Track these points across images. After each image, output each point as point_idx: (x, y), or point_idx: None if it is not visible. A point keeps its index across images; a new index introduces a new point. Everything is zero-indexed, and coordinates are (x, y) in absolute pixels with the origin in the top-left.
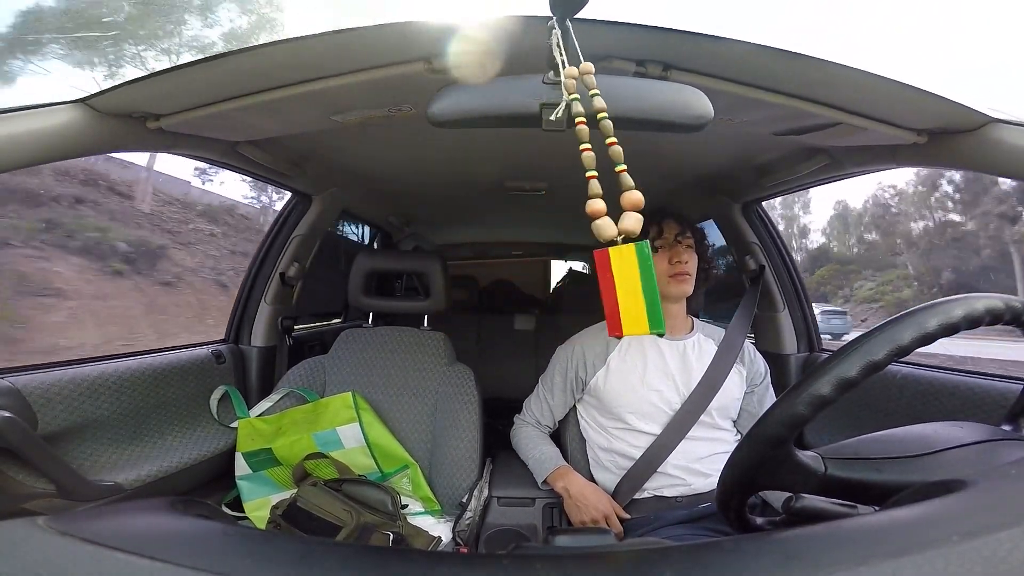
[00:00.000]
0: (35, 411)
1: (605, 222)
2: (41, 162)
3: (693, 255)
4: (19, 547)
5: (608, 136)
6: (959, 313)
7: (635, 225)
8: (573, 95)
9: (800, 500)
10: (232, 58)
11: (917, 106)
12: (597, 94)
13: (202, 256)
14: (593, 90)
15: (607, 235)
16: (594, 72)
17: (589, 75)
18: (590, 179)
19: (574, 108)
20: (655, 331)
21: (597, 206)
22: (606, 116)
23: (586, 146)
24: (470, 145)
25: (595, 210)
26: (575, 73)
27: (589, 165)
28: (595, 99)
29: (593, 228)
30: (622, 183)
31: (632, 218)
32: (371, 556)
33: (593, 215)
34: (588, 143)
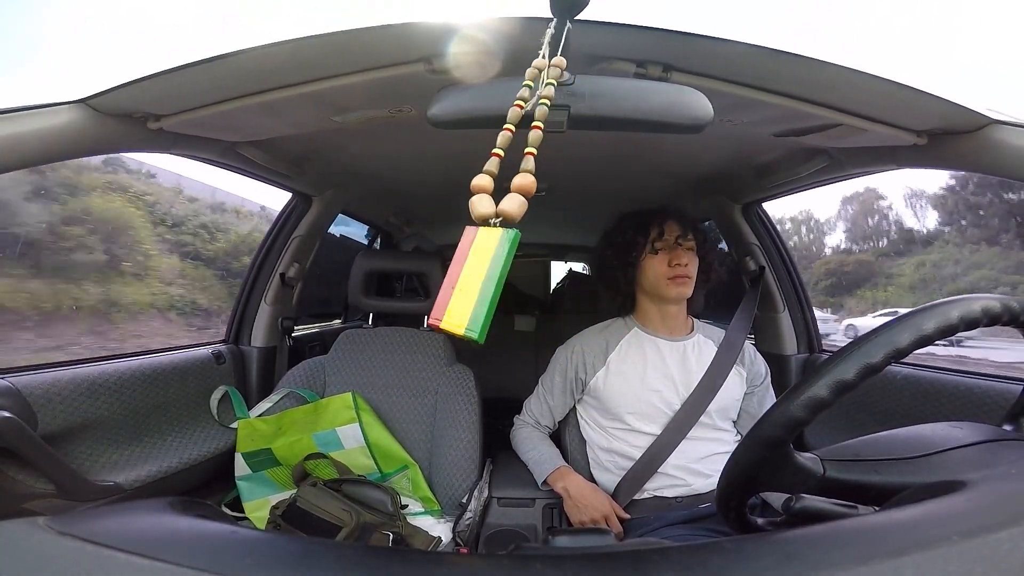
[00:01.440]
0: (35, 411)
1: (483, 199)
2: (41, 162)
3: (694, 257)
4: (19, 547)
5: (537, 120)
6: (956, 315)
7: (515, 208)
8: (527, 82)
9: (800, 501)
10: (232, 58)
11: (917, 107)
12: (552, 83)
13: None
14: (548, 80)
15: (480, 212)
16: (564, 66)
17: (557, 67)
18: (493, 155)
19: (520, 92)
20: (468, 335)
21: (481, 181)
22: (547, 103)
23: (508, 127)
24: (470, 145)
25: (476, 185)
26: (543, 65)
27: (500, 144)
28: (547, 87)
29: (469, 204)
30: (523, 164)
31: (514, 200)
32: (371, 556)
33: (474, 190)
34: (512, 126)
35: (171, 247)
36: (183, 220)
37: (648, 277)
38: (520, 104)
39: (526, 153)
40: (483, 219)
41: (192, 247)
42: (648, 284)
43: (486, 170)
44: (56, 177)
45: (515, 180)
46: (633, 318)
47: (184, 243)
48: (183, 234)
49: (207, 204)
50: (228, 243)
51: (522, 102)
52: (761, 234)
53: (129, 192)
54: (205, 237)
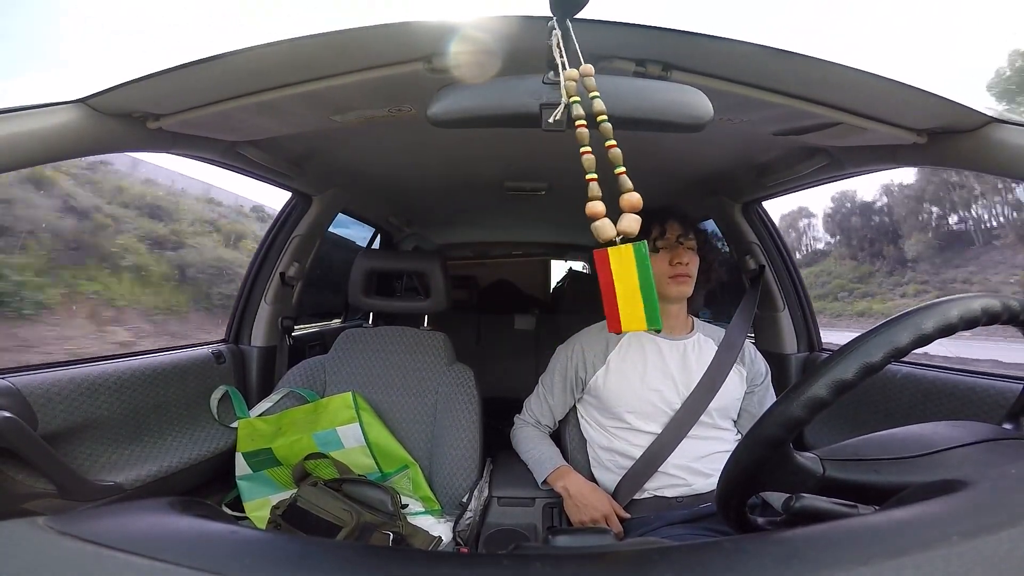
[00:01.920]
0: (35, 411)
1: (604, 223)
2: (41, 162)
3: (695, 257)
4: (19, 547)
5: (608, 139)
6: (956, 314)
7: (633, 226)
8: (574, 97)
9: (800, 500)
10: (232, 58)
11: (917, 106)
12: (597, 96)
13: None
14: (593, 92)
15: (606, 236)
16: (594, 74)
17: (589, 77)
18: (590, 181)
19: (574, 111)
20: (652, 327)
21: (597, 208)
22: (606, 119)
23: (586, 149)
24: (470, 145)
25: (595, 212)
26: (575, 75)
27: (589, 168)
28: (595, 101)
29: (592, 229)
30: (621, 185)
31: (630, 219)
32: (371, 556)
33: (593, 216)
34: (588, 146)
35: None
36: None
37: None
38: (583, 124)
39: (618, 173)
40: (609, 240)
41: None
42: None
43: (593, 196)
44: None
45: (624, 200)
46: None
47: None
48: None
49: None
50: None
51: (583, 122)
52: (761, 233)
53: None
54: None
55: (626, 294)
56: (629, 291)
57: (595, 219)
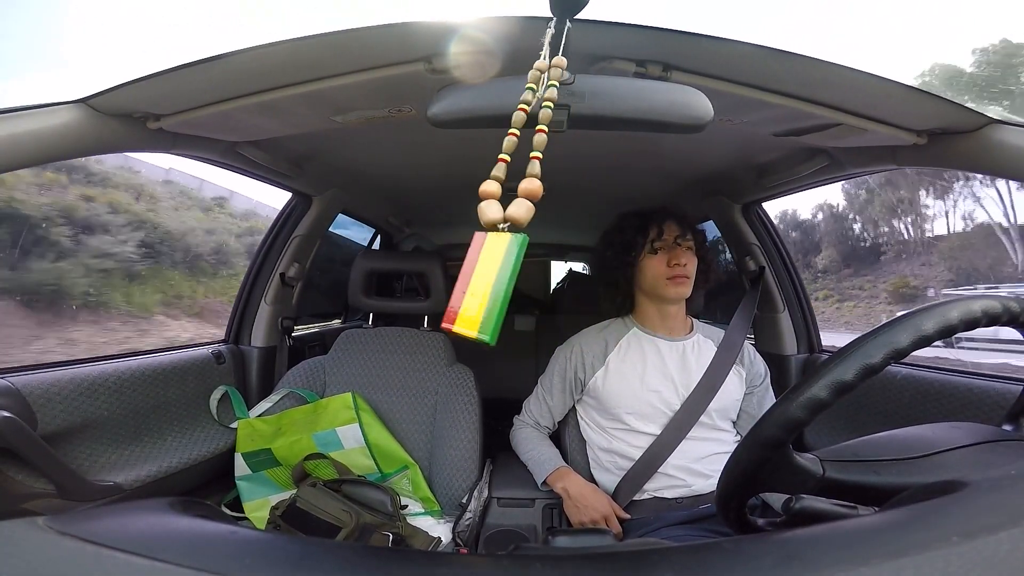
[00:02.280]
0: (35, 411)
1: (492, 204)
2: (41, 162)
3: (693, 257)
4: (19, 547)
5: (541, 124)
6: (956, 315)
7: (522, 213)
8: (529, 85)
9: (800, 501)
10: (232, 58)
11: (917, 107)
12: (555, 85)
13: None
14: (552, 81)
15: (488, 218)
16: (564, 67)
17: (558, 68)
18: (500, 161)
19: (523, 96)
20: (481, 337)
21: (489, 187)
22: (550, 105)
23: (513, 131)
24: (470, 145)
25: (485, 190)
26: (544, 66)
27: (506, 149)
28: (549, 88)
29: (479, 210)
30: (528, 169)
31: (521, 205)
32: (370, 557)
33: (483, 196)
34: (516, 130)
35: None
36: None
37: (647, 277)
38: (524, 108)
39: (531, 157)
40: (492, 225)
41: None
42: (647, 284)
43: (493, 176)
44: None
45: (521, 185)
46: (632, 318)
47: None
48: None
49: None
50: None
51: (525, 105)
52: (761, 234)
53: None
54: None
55: (477, 288)
56: (481, 286)
57: (483, 198)
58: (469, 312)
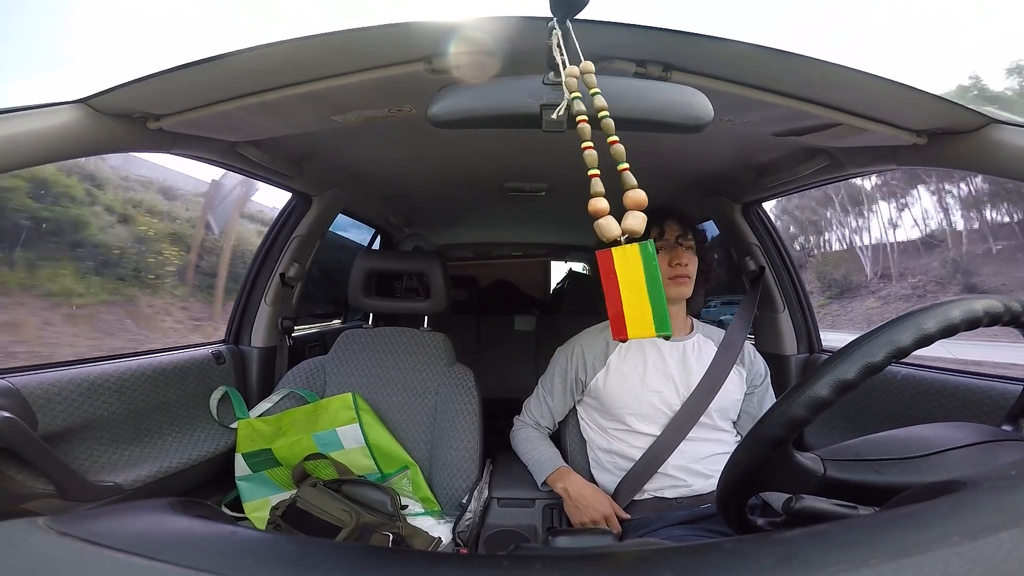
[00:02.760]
0: (35, 411)
1: (608, 221)
2: (41, 162)
3: (694, 257)
4: (19, 547)
5: (610, 134)
6: (957, 314)
7: (639, 224)
8: (575, 93)
9: (800, 501)
10: (232, 58)
11: (917, 107)
12: (598, 93)
13: None
14: (594, 89)
15: (610, 235)
16: (594, 72)
17: (590, 74)
18: (592, 177)
19: (575, 107)
20: (661, 333)
21: (600, 205)
22: (607, 115)
23: (588, 144)
24: (470, 145)
25: (597, 209)
26: (576, 72)
27: (591, 163)
28: (596, 98)
29: (596, 227)
30: (625, 182)
31: (636, 217)
32: (371, 557)
33: (595, 214)
34: (590, 141)
35: None
36: None
37: None
38: (585, 120)
39: (621, 170)
40: (613, 239)
41: None
42: None
43: (595, 192)
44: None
45: (628, 197)
46: None
47: None
48: None
49: None
50: None
51: (585, 117)
52: (761, 234)
53: None
54: None
55: (632, 298)
56: (635, 294)
57: (598, 217)
58: (637, 319)
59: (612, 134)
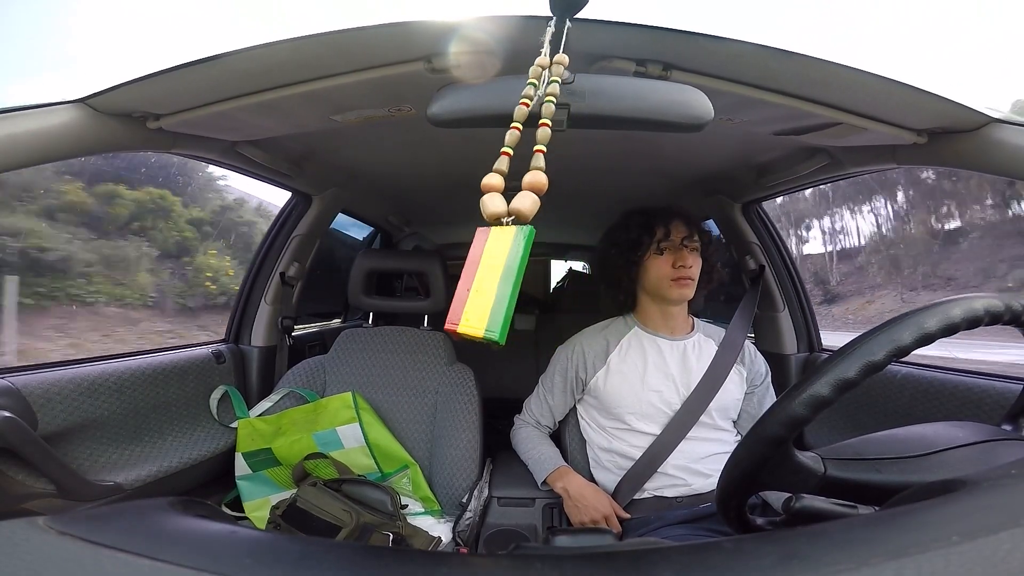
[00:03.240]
0: (35, 411)
1: (494, 197)
2: (41, 162)
3: (698, 259)
4: (19, 547)
5: (545, 118)
6: (958, 313)
7: (528, 206)
8: (531, 80)
9: (800, 500)
10: (232, 58)
11: (917, 106)
12: (556, 81)
13: None
14: (553, 78)
15: (491, 211)
16: (566, 64)
17: (559, 65)
18: (503, 154)
19: (525, 91)
20: (489, 336)
21: (491, 180)
22: (552, 100)
23: (515, 125)
24: (470, 145)
25: (487, 184)
26: (545, 63)
27: (508, 142)
28: (551, 84)
29: (481, 204)
30: (532, 162)
31: (527, 198)
32: (371, 556)
33: (484, 189)
34: (519, 124)
35: None
36: None
37: (651, 278)
38: (526, 102)
39: (535, 151)
40: (495, 218)
41: None
42: (651, 284)
43: (496, 169)
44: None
45: (526, 177)
46: (634, 317)
47: None
48: None
49: None
50: None
51: (527, 100)
52: (761, 233)
53: None
54: None
55: (482, 285)
56: (487, 282)
57: (485, 192)
58: (475, 311)
59: (547, 118)
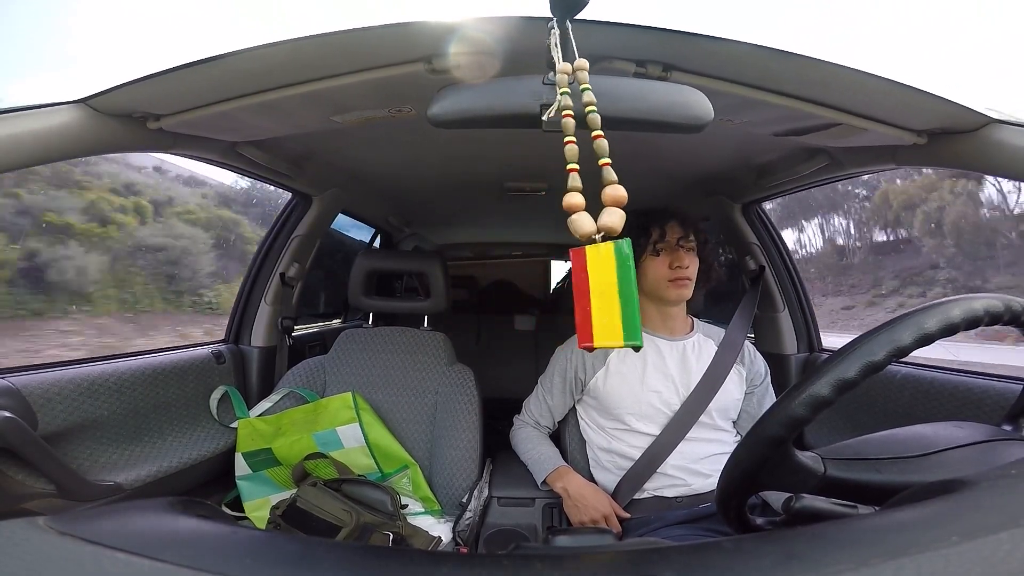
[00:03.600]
0: (35, 411)
1: (582, 217)
2: (41, 162)
3: (695, 259)
4: (19, 547)
5: (595, 129)
6: (958, 313)
7: (616, 222)
8: (563, 89)
9: (800, 500)
10: (232, 58)
11: (917, 107)
12: (588, 89)
13: None
14: (584, 85)
15: (585, 231)
16: (588, 69)
17: (583, 71)
18: (570, 171)
19: (562, 102)
20: (630, 343)
21: (574, 200)
22: (595, 110)
23: (570, 139)
24: (470, 145)
25: (571, 204)
26: (568, 69)
27: (571, 158)
28: (585, 94)
29: (569, 224)
30: (604, 177)
31: (613, 214)
32: (371, 556)
33: (569, 209)
34: (572, 136)
35: None
36: None
37: (648, 279)
38: (569, 114)
39: (601, 164)
40: (588, 237)
41: None
42: (648, 285)
43: (572, 187)
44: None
45: (607, 191)
46: None
47: None
48: None
49: None
50: None
51: (570, 112)
52: (761, 234)
53: None
54: None
55: (602, 302)
56: (606, 298)
57: (572, 212)
58: (606, 324)
59: (597, 129)
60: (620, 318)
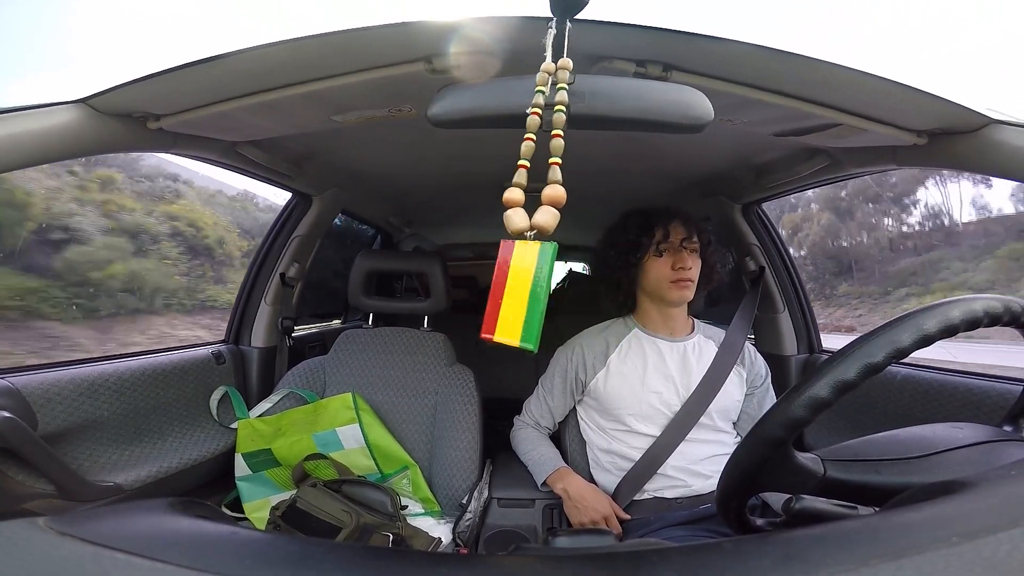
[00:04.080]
0: (35, 411)
1: (517, 213)
2: (41, 162)
3: (697, 260)
4: (19, 547)
5: (557, 128)
6: (957, 315)
7: (550, 221)
8: (539, 88)
9: (800, 501)
10: (232, 58)
11: (917, 107)
12: (564, 88)
13: None
14: (561, 84)
15: (516, 227)
16: (571, 68)
17: (564, 71)
18: (519, 168)
19: (534, 99)
20: (524, 345)
21: (513, 195)
22: (563, 110)
23: (529, 136)
24: (470, 145)
25: (509, 199)
26: (551, 68)
27: (525, 154)
28: (559, 93)
29: (504, 218)
30: (549, 176)
31: (548, 213)
32: (371, 557)
33: (507, 204)
34: (532, 134)
35: None
36: None
37: (650, 279)
38: (537, 112)
39: (551, 163)
40: (519, 233)
41: None
42: (650, 286)
43: (516, 183)
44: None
45: (545, 192)
46: (634, 318)
47: None
48: None
49: None
50: None
51: (539, 110)
52: (761, 234)
53: None
54: None
55: (512, 297)
56: (516, 295)
57: (508, 207)
58: (509, 321)
59: (559, 128)
60: (523, 318)
